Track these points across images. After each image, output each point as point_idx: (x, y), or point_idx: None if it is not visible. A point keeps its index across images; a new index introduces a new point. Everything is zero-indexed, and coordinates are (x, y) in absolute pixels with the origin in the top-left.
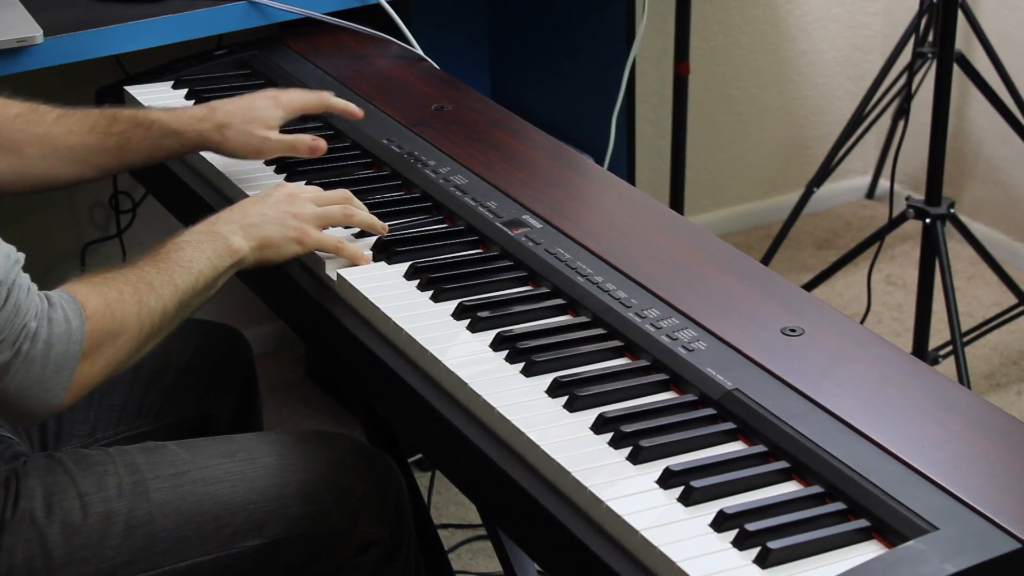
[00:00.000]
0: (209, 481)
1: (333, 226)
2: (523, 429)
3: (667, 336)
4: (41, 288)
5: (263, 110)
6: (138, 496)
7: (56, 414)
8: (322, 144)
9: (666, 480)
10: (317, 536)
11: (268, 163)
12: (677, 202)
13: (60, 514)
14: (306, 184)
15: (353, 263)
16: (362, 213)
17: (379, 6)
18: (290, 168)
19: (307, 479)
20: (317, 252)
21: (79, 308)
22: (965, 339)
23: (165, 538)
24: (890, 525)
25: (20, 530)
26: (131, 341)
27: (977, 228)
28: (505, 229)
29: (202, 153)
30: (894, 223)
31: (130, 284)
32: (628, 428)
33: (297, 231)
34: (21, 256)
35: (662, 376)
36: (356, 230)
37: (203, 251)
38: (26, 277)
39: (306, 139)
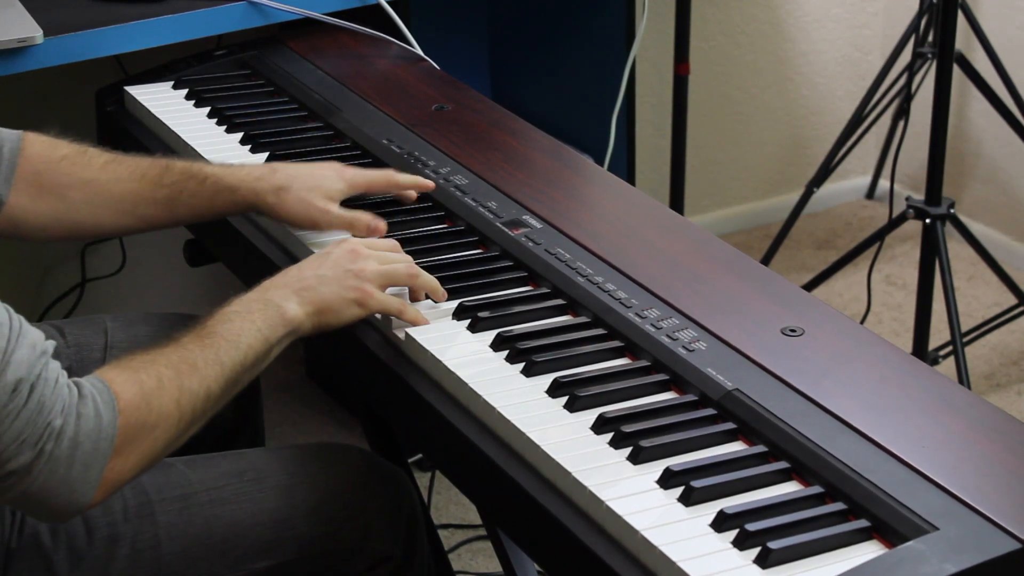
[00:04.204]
0: (216, 503)
1: (397, 285)
2: (523, 429)
3: (667, 336)
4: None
5: (326, 180)
6: (144, 519)
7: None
8: (382, 225)
9: (666, 480)
10: (327, 556)
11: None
12: (677, 202)
13: (66, 539)
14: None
15: (413, 325)
16: (426, 274)
17: (379, 6)
18: None
19: (317, 498)
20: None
21: (112, 400)
22: (965, 339)
23: (171, 561)
24: (890, 525)
25: (27, 557)
26: (169, 431)
27: (977, 228)
28: (505, 229)
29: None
30: (894, 223)
31: (171, 367)
32: (628, 428)
33: (358, 292)
34: (50, 345)
35: (662, 376)
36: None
37: (253, 322)
38: (55, 366)
39: (366, 218)
